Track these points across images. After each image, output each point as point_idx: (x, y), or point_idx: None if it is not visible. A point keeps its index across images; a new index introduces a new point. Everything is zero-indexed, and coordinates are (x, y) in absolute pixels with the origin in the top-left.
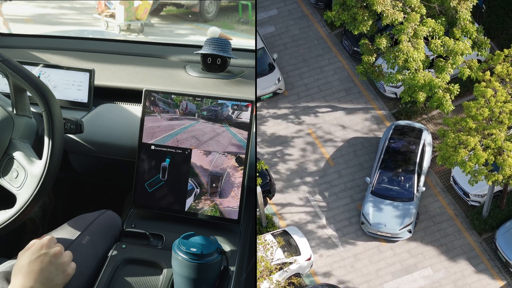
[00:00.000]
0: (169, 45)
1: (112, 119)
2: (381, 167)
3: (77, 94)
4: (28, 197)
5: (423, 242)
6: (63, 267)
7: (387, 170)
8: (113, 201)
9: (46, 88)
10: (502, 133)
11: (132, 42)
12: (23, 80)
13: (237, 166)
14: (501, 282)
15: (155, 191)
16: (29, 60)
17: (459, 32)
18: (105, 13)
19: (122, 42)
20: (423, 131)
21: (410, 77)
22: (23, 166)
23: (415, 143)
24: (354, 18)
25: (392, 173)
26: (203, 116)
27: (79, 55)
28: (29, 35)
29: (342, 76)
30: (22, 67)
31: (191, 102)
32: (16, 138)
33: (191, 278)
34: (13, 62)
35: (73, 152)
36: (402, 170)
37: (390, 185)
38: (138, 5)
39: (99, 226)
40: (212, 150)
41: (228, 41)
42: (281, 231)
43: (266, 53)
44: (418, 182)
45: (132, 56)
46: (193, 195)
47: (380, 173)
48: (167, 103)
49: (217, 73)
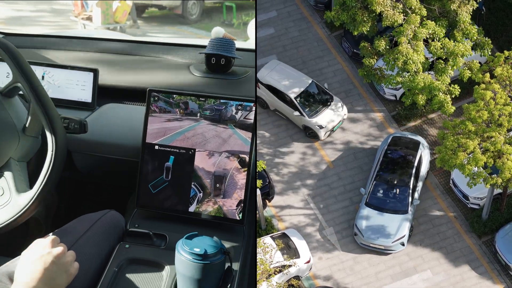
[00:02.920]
0: (173, 45)
1: (116, 119)
2: (376, 178)
3: (81, 94)
4: (4, 221)
5: (422, 245)
6: (66, 267)
7: (382, 181)
8: (116, 201)
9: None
10: (501, 136)
11: (136, 42)
12: (44, 118)
13: (240, 167)
14: (500, 285)
15: (159, 192)
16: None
17: (460, 34)
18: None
19: (126, 42)
20: (420, 143)
21: (410, 79)
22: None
23: (412, 155)
24: (353, 19)
25: (387, 185)
26: (207, 116)
27: (83, 55)
28: (33, 34)
29: (342, 78)
30: (50, 102)
31: (194, 102)
32: (15, 157)
33: (194, 278)
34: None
35: (77, 152)
36: (397, 183)
37: (385, 197)
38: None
39: (102, 226)
40: (215, 150)
41: (232, 41)
42: (280, 233)
43: (315, 85)
44: (413, 195)
45: (136, 56)
46: (195, 201)
47: (375, 185)
48: (170, 103)
49: (221, 73)
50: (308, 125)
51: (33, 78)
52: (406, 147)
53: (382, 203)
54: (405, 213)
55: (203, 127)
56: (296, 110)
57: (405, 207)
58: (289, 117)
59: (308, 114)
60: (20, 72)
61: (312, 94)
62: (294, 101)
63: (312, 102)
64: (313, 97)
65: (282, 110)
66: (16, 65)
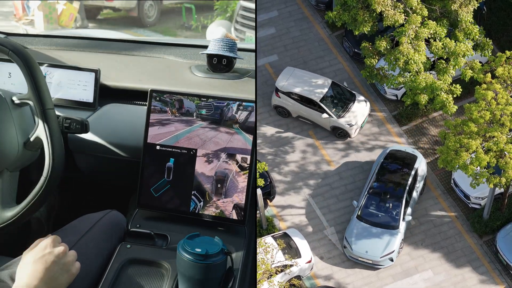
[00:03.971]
0: (174, 45)
1: (118, 119)
2: (369, 192)
3: (83, 94)
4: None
5: (423, 244)
6: (68, 266)
7: (375, 195)
8: (118, 201)
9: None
10: (503, 136)
11: (138, 42)
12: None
13: (241, 167)
14: (501, 285)
15: (161, 195)
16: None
17: (461, 34)
18: (23, 21)
19: (128, 42)
20: (418, 158)
21: (411, 79)
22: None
23: (408, 170)
24: (354, 19)
25: (380, 199)
26: (208, 117)
27: (84, 55)
28: (34, 34)
29: (343, 78)
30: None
31: (196, 102)
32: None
33: (195, 279)
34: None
35: (78, 152)
36: (390, 197)
37: (377, 211)
38: (62, 10)
39: (103, 226)
40: (217, 150)
41: (234, 41)
42: (282, 233)
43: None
44: (406, 211)
45: (137, 56)
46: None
47: (368, 198)
48: (172, 104)
49: (222, 74)
50: (337, 125)
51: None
52: (402, 161)
53: (373, 217)
54: (396, 229)
55: (205, 127)
56: (323, 113)
57: (396, 223)
58: (316, 121)
59: (336, 115)
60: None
61: (335, 95)
62: (320, 104)
63: (338, 102)
64: (337, 97)
65: (307, 115)
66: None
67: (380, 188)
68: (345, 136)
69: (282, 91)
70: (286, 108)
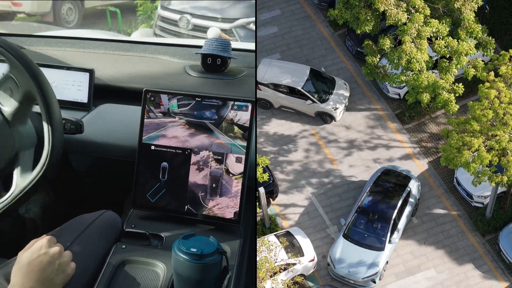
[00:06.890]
0: (169, 45)
1: (112, 120)
2: (358, 211)
3: (77, 94)
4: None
5: (426, 243)
6: (63, 267)
7: (364, 215)
8: (113, 201)
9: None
10: (506, 134)
11: (132, 42)
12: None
13: (236, 167)
14: (504, 283)
15: (156, 195)
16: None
17: (464, 32)
18: None
19: (122, 42)
20: (411, 179)
21: (414, 78)
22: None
23: (399, 191)
24: (357, 17)
25: (368, 219)
26: (203, 117)
27: (79, 55)
28: (28, 35)
29: (345, 77)
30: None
31: (190, 101)
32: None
33: (191, 279)
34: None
35: (73, 152)
36: (378, 218)
37: (364, 231)
38: None
39: (99, 226)
40: (212, 150)
41: (228, 41)
42: (284, 232)
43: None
44: (393, 232)
45: (132, 56)
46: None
47: (356, 217)
48: (166, 103)
49: (217, 73)
50: (322, 110)
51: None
52: (395, 182)
53: (359, 237)
54: (381, 250)
55: (200, 127)
56: (307, 100)
57: (382, 244)
58: (299, 109)
59: (319, 100)
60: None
61: (316, 80)
62: (303, 91)
63: (319, 88)
64: (317, 82)
65: (290, 104)
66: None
67: (369, 208)
68: (329, 119)
69: (262, 83)
70: (267, 100)
